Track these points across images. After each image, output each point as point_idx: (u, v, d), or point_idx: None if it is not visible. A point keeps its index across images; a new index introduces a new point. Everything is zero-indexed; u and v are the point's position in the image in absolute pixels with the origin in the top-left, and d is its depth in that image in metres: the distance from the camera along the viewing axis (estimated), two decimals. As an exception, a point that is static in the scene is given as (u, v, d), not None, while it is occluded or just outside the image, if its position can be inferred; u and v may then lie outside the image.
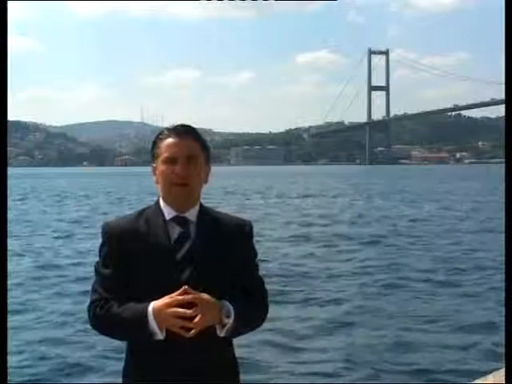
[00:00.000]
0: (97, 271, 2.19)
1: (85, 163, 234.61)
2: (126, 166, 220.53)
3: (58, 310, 9.82)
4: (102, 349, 7.43)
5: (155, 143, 2.21)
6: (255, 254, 2.30)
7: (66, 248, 17.02)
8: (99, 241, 2.22)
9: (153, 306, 2.03)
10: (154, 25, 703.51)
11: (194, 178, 2.16)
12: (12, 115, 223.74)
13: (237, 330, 2.12)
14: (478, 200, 35.29)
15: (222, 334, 2.09)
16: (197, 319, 2.00)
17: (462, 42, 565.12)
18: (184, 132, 2.18)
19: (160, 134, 2.21)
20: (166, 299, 2.02)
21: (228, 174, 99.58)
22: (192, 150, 2.16)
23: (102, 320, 2.12)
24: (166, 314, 2.01)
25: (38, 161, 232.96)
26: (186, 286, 2.03)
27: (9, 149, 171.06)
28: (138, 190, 49.29)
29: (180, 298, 2.01)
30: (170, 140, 2.16)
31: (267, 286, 2.30)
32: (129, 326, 2.06)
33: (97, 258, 2.22)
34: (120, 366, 2.26)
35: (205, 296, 2.04)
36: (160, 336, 2.03)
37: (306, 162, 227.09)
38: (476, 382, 4.76)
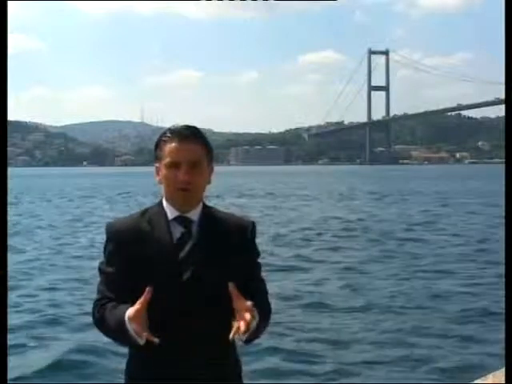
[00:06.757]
0: (101, 270, 2.20)
1: (85, 163, 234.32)
2: (126, 166, 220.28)
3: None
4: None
5: (158, 145, 2.20)
6: (257, 254, 2.29)
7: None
8: None
9: (128, 313, 2.01)
10: (157, 25, 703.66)
11: (197, 182, 2.16)
12: (12, 115, 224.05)
13: (256, 333, 2.10)
14: None
15: (244, 338, 2.05)
16: (243, 327, 1.98)
17: (465, 43, 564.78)
18: (187, 136, 2.15)
19: (163, 136, 2.18)
20: (136, 306, 2.00)
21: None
22: (195, 154, 2.15)
23: (97, 322, 2.16)
24: (135, 321, 2.00)
25: (38, 161, 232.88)
26: (233, 284, 2.04)
27: (9, 149, 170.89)
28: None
29: (140, 307, 1.99)
30: (173, 144, 2.14)
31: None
32: (115, 331, 2.07)
33: None
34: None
35: (248, 303, 2.02)
36: (141, 342, 2.00)
37: (306, 162, 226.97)
38: (476, 381, 4.77)
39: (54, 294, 11.07)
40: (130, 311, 2.01)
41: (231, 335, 1.99)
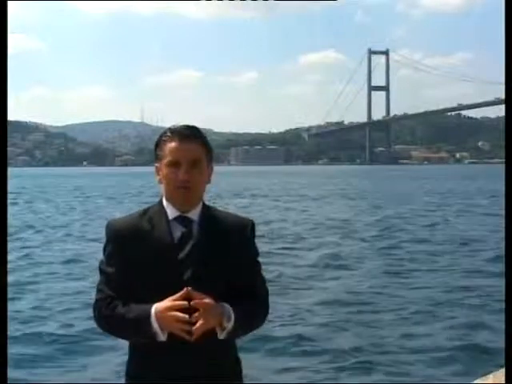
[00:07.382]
0: (101, 270, 2.21)
1: (85, 163, 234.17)
2: (126, 166, 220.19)
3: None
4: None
5: (158, 144, 2.22)
6: (257, 253, 2.31)
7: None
8: None
9: (155, 308, 2.05)
10: (157, 25, 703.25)
11: (198, 181, 2.18)
12: (12, 115, 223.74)
13: (236, 333, 2.14)
14: None
15: (221, 336, 2.10)
16: (198, 325, 2.02)
17: (465, 43, 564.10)
18: (187, 135, 2.17)
19: (163, 135, 2.21)
20: (167, 302, 2.05)
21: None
22: (195, 153, 2.17)
23: (107, 320, 2.16)
24: (167, 317, 2.03)
25: (38, 161, 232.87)
26: (190, 288, 2.05)
27: (9, 149, 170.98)
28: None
29: (181, 302, 2.03)
30: (173, 144, 2.17)
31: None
32: (133, 327, 2.09)
33: None
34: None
35: (207, 300, 2.05)
36: (162, 338, 2.05)
37: (306, 162, 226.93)
38: (476, 381, 4.77)
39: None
40: (162, 305, 2.05)
41: (193, 338, 2.03)
